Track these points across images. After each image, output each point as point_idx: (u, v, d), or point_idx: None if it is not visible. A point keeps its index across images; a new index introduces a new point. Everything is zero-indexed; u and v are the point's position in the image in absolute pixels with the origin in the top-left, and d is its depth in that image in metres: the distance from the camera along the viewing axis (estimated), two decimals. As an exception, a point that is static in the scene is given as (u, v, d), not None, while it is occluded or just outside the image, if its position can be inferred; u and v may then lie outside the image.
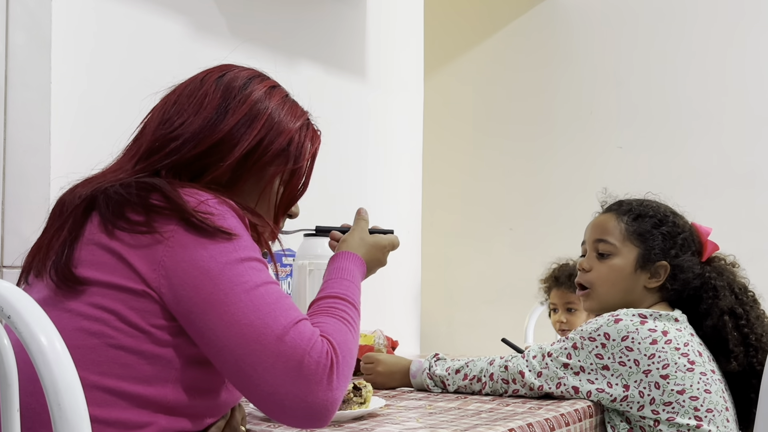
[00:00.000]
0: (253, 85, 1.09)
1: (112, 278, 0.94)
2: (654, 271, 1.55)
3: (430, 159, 2.94)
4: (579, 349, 1.44)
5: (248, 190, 1.09)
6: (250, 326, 0.92)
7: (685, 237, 1.57)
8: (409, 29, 2.66)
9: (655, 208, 1.60)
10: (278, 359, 0.91)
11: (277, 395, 0.92)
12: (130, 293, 0.93)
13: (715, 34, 2.93)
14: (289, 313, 0.95)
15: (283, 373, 0.91)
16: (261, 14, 2.06)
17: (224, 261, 0.94)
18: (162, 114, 1.08)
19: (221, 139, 1.04)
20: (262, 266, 0.98)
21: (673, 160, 2.96)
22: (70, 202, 1.02)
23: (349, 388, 1.24)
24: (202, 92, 1.07)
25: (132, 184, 0.98)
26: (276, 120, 1.09)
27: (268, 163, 1.08)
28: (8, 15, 1.50)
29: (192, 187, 0.99)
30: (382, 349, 1.85)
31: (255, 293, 0.94)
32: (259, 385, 0.92)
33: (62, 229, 1.00)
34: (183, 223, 0.94)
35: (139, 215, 0.95)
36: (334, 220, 2.27)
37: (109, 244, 0.95)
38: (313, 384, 0.92)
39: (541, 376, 1.44)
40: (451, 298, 3.41)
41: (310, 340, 0.93)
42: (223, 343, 0.92)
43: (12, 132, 1.50)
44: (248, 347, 0.92)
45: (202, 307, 0.93)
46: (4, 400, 0.82)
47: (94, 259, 0.96)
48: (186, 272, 0.93)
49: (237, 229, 0.97)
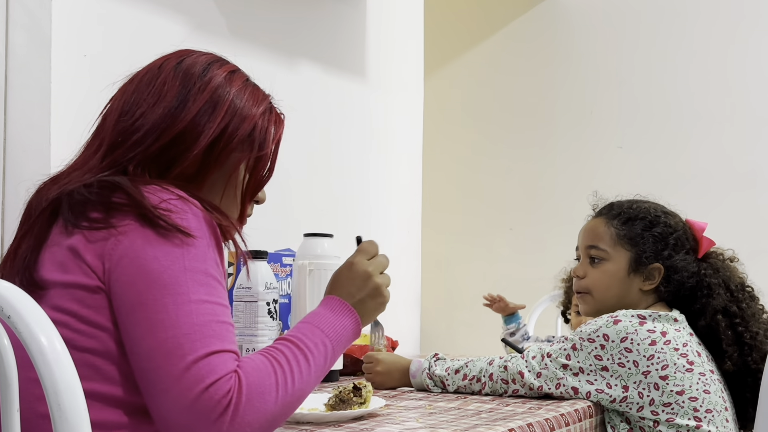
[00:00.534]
0: (213, 71, 1.07)
1: (69, 277, 0.93)
2: (648, 273, 1.54)
3: (430, 159, 2.94)
4: (578, 350, 1.44)
5: (215, 180, 1.06)
6: (164, 342, 0.88)
7: (677, 236, 1.56)
8: (409, 29, 2.66)
9: (646, 209, 1.58)
10: (176, 385, 0.86)
11: (165, 420, 0.88)
12: (85, 290, 0.92)
13: (715, 33, 2.93)
14: (211, 341, 0.89)
15: (176, 401, 0.86)
16: (261, 14, 2.06)
17: (167, 265, 0.91)
18: (121, 104, 1.05)
19: (184, 129, 1.02)
20: (209, 281, 0.93)
21: (674, 160, 2.96)
22: (36, 206, 1.01)
23: (349, 388, 1.24)
24: (161, 80, 1.05)
25: (94, 184, 0.97)
26: (239, 106, 1.06)
27: (234, 150, 1.06)
28: (8, 15, 1.50)
29: (156, 185, 0.97)
30: (382, 349, 1.85)
31: (185, 309, 0.89)
32: (155, 402, 0.89)
33: (29, 235, 1.00)
34: (140, 218, 0.92)
35: (100, 213, 0.94)
36: (334, 220, 2.28)
37: (68, 243, 0.95)
38: (201, 421, 0.86)
39: (540, 376, 1.44)
40: (451, 298, 3.41)
41: (215, 375, 0.87)
42: (137, 348, 0.90)
43: (12, 132, 1.50)
44: (154, 362, 0.88)
45: (130, 305, 0.90)
46: (4, 400, 0.82)
47: (55, 260, 0.96)
48: (125, 268, 0.91)
49: (196, 231, 0.94)
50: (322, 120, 2.26)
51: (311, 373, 0.97)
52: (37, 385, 0.77)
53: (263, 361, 0.93)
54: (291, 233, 1.96)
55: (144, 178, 1.00)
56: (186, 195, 0.97)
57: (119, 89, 1.09)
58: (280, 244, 1.97)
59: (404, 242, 2.61)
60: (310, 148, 2.22)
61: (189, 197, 0.97)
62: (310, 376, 0.97)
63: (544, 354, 1.46)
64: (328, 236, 1.73)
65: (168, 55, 1.10)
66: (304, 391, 0.96)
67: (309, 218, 2.16)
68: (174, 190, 0.97)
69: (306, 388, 0.96)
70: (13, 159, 1.49)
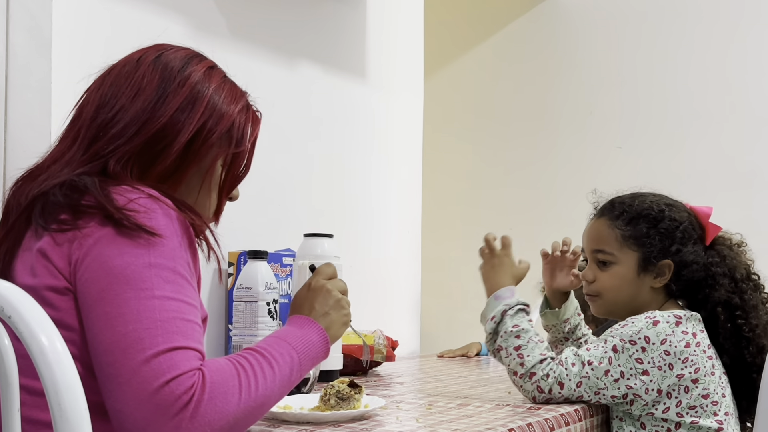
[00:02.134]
0: (192, 66, 1.07)
1: (40, 280, 0.93)
2: (658, 271, 1.50)
3: (430, 159, 2.93)
4: (619, 352, 1.40)
5: (192, 176, 1.06)
6: (124, 336, 0.86)
7: (684, 228, 1.51)
8: (409, 29, 2.66)
9: (648, 205, 1.53)
10: (134, 378, 0.84)
11: (122, 414, 0.85)
12: (54, 292, 0.92)
13: (715, 33, 2.93)
14: (173, 337, 0.87)
15: (134, 394, 0.84)
16: (261, 15, 2.06)
17: (131, 261, 0.90)
18: (99, 97, 1.05)
19: (164, 126, 1.02)
20: (177, 278, 0.91)
21: (673, 160, 2.96)
22: (15, 207, 1.01)
23: (345, 383, 1.23)
24: (140, 73, 1.05)
25: (66, 184, 0.97)
26: (217, 104, 1.06)
27: (212, 146, 1.06)
28: (8, 15, 1.50)
29: (128, 186, 0.97)
30: (382, 350, 1.85)
31: (147, 304, 0.88)
32: (110, 397, 0.87)
33: (8, 238, 1.00)
34: (105, 219, 0.92)
35: (68, 215, 0.94)
36: (334, 220, 2.28)
37: (37, 246, 0.95)
38: (160, 416, 0.83)
39: (581, 386, 1.39)
40: (451, 298, 3.41)
41: (177, 370, 0.85)
42: (94, 343, 0.88)
43: (12, 132, 1.50)
44: (112, 356, 0.86)
45: (91, 301, 0.89)
46: (4, 400, 0.82)
47: (26, 265, 0.96)
48: (88, 266, 0.91)
49: (165, 230, 0.93)
50: (322, 120, 2.26)
51: (275, 382, 0.95)
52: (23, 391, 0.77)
53: (227, 364, 0.92)
54: (291, 233, 1.96)
55: (124, 175, 1.00)
56: (157, 194, 0.96)
57: (95, 81, 1.08)
58: (280, 244, 1.97)
59: (404, 242, 2.61)
60: (310, 148, 2.22)
61: (160, 196, 0.96)
62: (274, 384, 0.95)
63: (584, 361, 1.41)
64: (328, 236, 1.73)
65: (146, 48, 1.10)
66: (269, 398, 0.94)
67: (309, 218, 2.16)
68: (145, 189, 0.96)
69: (271, 395, 0.95)
70: (13, 159, 1.48)
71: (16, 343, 0.80)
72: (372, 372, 1.90)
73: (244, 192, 1.22)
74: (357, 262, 2.23)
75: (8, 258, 0.99)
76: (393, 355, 1.95)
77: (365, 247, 2.40)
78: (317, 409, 1.23)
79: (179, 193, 1.05)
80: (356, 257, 2.26)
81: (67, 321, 0.92)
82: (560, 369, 1.40)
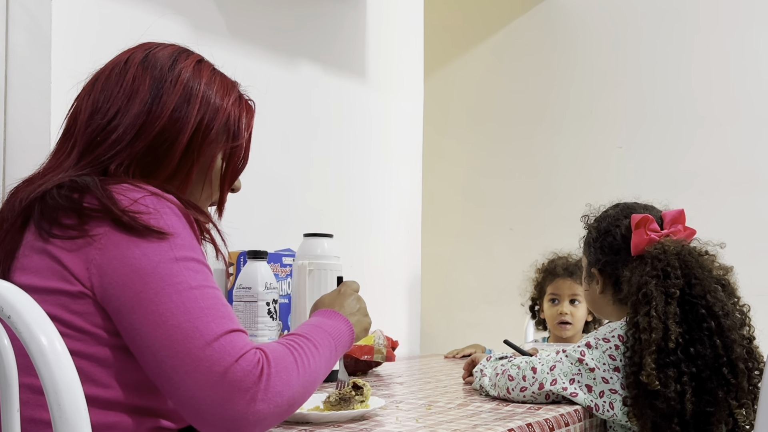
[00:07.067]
0: (180, 63, 1.07)
1: (50, 283, 0.93)
2: (596, 278, 1.59)
3: (430, 159, 2.94)
4: (593, 348, 1.43)
5: (196, 175, 1.07)
6: (178, 328, 0.88)
7: (612, 239, 1.56)
8: (409, 29, 2.66)
9: (603, 217, 1.60)
10: (201, 363, 0.86)
11: (195, 400, 0.87)
12: (67, 296, 0.92)
13: (716, 33, 2.93)
14: (224, 321, 0.90)
15: (204, 377, 0.86)
16: (261, 14, 2.06)
17: (158, 259, 0.91)
18: (91, 103, 1.04)
19: (164, 127, 1.02)
20: (202, 268, 0.94)
21: (674, 161, 2.96)
22: (10, 211, 1.01)
23: (349, 387, 1.24)
24: (130, 76, 1.04)
25: (65, 185, 0.96)
26: (211, 99, 1.07)
27: (212, 142, 1.06)
28: (8, 15, 1.50)
29: (129, 184, 0.97)
30: (382, 350, 1.85)
31: (188, 295, 0.90)
32: (179, 388, 0.87)
33: (4, 242, 1.00)
34: (114, 223, 0.92)
35: (72, 219, 0.94)
36: (334, 220, 2.28)
37: (45, 248, 0.94)
38: (235, 392, 0.86)
39: (554, 369, 1.42)
40: (451, 298, 3.41)
41: (241, 350, 0.88)
42: (146, 344, 0.89)
43: (12, 132, 1.50)
44: (172, 349, 0.87)
45: (130, 305, 0.89)
46: (4, 400, 0.82)
47: (32, 266, 0.95)
48: (117, 270, 0.91)
49: (173, 227, 0.94)
50: (322, 120, 2.26)
51: (320, 362, 1.00)
52: (23, 390, 0.77)
53: (278, 344, 0.96)
54: (291, 233, 1.96)
55: (125, 177, 1.00)
56: (159, 191, 0.97)
57: (84, 88, 1.08)
58: (280, 244, 1.97)
59: (404, 242, 2.61)
60: (310, 148, 2.22)
61: (163, 193, 0.96)
62: (320, 364, 1.00)
63: (558, 350, 1.48)
64: (328, 236, 1.73)
65: (131, 49, 1.09)
66: (318, 375, 0.99)
67: (309, 218, 2.16)
68: (146, 187, 0.97)
69: (319, 372, 0.99)
70: (13, 159, 1.48)
71: (17, 342, 0.80)
72: (372, 372, 1.90)
73: (244, 192, 1.22)
74: (357, 262, 2.23)
75: (7, 262, 0.98)
76: (393, 355, 1.95)
77: (365, 247, 2.40)
78: (317, 409, 1.23)
79: (187, 193, 1.06)
80: (356, 257, 2.26)
81: (79, 324, 0.92)
82: (534, 359, 1.48)
